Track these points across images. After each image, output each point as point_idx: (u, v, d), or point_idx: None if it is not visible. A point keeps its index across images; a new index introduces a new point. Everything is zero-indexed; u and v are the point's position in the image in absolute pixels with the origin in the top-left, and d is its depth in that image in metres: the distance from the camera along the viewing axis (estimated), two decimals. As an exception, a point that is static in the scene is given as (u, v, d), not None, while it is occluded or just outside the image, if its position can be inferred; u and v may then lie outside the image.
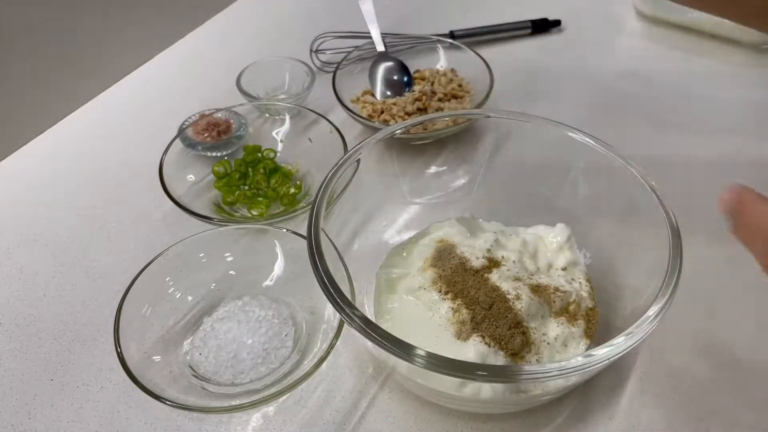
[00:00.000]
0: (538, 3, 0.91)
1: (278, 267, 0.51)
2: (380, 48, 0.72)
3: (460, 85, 0.69)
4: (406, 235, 0.52)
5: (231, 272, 0.51)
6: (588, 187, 0.50)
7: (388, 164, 0.56)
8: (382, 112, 0.66)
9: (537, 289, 0.45)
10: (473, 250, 0.48)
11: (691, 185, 0.61)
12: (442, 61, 0.73)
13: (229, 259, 0.51)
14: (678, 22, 0.83)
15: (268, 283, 0.51)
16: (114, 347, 0.41)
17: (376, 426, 0.43)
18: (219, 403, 0.42)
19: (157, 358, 0.44)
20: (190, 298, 0.49)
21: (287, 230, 0.49)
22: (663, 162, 0.63)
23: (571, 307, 0.45)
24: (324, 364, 0.41)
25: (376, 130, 0.50)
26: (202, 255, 0.49)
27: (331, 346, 0.42)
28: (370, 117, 0.66)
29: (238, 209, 0.59)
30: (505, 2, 0.91)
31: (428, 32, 0.75)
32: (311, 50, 0.77)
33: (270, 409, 0.44)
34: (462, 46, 0.71)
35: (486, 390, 0.38)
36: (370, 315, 0.47)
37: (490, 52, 0.69)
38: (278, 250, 0.50)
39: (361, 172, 0.48)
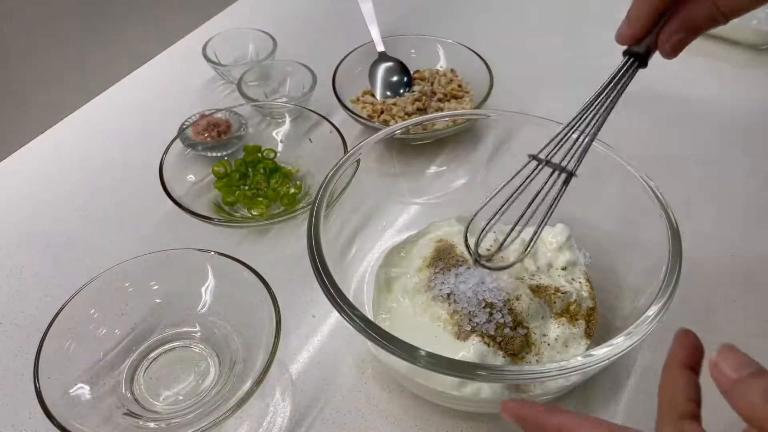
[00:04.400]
0: (539, 3, 0.91)
1: (209, 291, 0.48)
2: (380, 48, 0.72)
3: (459, 86, 0.69)
4: (405, 235, 0.52)
5: (158, 300, 0.47)
6: (588, 187, 0.50)
7: (388, 164, 0.56)
8: (382, 112, 0.66)
9: (537, 290, 0.45)
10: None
11: (690, 185, 0.61)
12: (442, 61, 0.73)
13: (155, 287, 0.47)
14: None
15: (199, 309, 0.48)
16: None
17: (376, 426, 0.43)
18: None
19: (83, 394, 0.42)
20: (117, 331, 0.46)
21: (215, 253, 0.46)
22: (663, 162, 0.63)
23: (572, 308, 0.45)
24: (318, 364, 0.40)
25: (376, 130, 0.50)
26: (127, 284, 0.46)
27: (268, 364, 0.40)
28: (370, 117, 0.66)
29: (238, 209, 0.59)
30: (507, 2, 0.91)
31: (428, 32, 0.75)
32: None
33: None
34: (462, 45, 0.71)
35: (486, 390, 0.38)
36: (369, 314, 0.47)
37: (491, 53, 0.69)
38: (209, 273, 0.47)
39: (361, 173, 0.48)
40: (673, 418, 0.29)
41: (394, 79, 0.71)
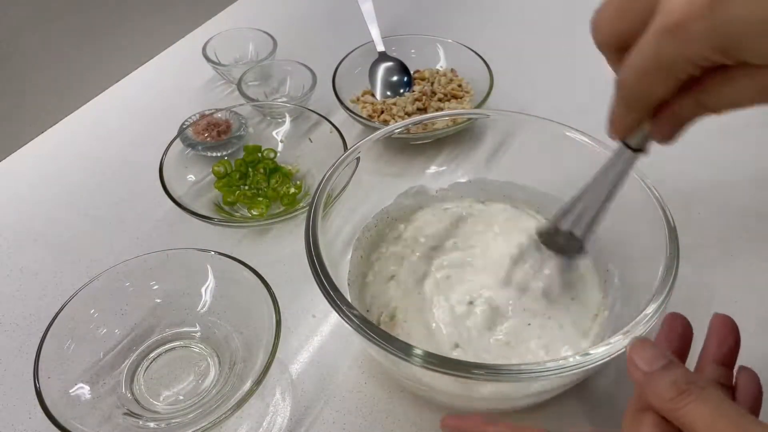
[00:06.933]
0: (539, 2, 0.91)
1: (209, 291, 0.48)
2: (380, 48, 0.72)
3: (459, 85, 0.69)
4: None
5: (158, 300, 0.48)
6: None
7: (387, 164, 0.56)
8: (382, 112, 0.66)
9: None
10: None
11: (689, 185, 0.61)
12: (442, 61, 0.73)
13: (155, 287, 0.48)
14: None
15: (199, 309, 0.48)
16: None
17: (376, 426, 0.44)
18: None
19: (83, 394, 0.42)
20: (117, 331, 0.46)
21: (215, 253, 0.46)
22: (662, 162, 0.63)
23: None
24: (318, 364, 0.40)
25: (376, 130, 0.50)
26: (127, 284, 0.46)
27: (268, 364, 0.40)
28: (370, 117, 0.66)
29: (238, 209, 0.59)
30: (507, 2, 0.91)
31: (428, 32, 0.75)
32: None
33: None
34: (462, 45, 0.71)
35: (486, 388, 0.38)
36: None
37: (491, 53, 0.69)
38: (209, 273, 0.47)
39: (361, 172, 0.48)
40: None
41: (394, 79, 0.71)
